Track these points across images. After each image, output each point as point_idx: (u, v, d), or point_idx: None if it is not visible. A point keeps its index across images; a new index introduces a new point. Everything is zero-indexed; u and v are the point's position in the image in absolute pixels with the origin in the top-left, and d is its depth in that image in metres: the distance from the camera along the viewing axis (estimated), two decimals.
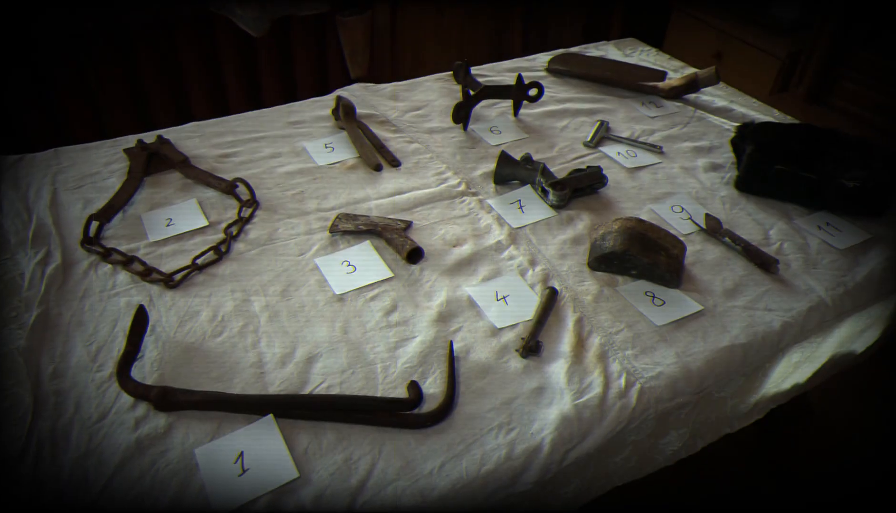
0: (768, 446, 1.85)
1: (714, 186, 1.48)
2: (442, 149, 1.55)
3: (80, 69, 2.23)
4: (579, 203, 1.40)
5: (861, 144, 1.47)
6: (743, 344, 1.10)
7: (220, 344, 1.04)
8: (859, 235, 1.35)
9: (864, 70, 2.36)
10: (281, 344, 1.04)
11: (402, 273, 1.19)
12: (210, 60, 2.44)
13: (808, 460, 1.89)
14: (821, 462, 1.92)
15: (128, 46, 2.27)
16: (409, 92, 1.79)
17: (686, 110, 1.78)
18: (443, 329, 1.08)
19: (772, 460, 1.83)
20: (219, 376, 0.99)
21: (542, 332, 1.09)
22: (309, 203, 1.35)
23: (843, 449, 1.98)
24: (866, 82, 2.37)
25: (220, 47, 2.41)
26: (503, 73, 1.91)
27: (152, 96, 2.41)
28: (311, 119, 1.64)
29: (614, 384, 1.01)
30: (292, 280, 1.16)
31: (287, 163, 1.47)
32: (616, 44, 2.14)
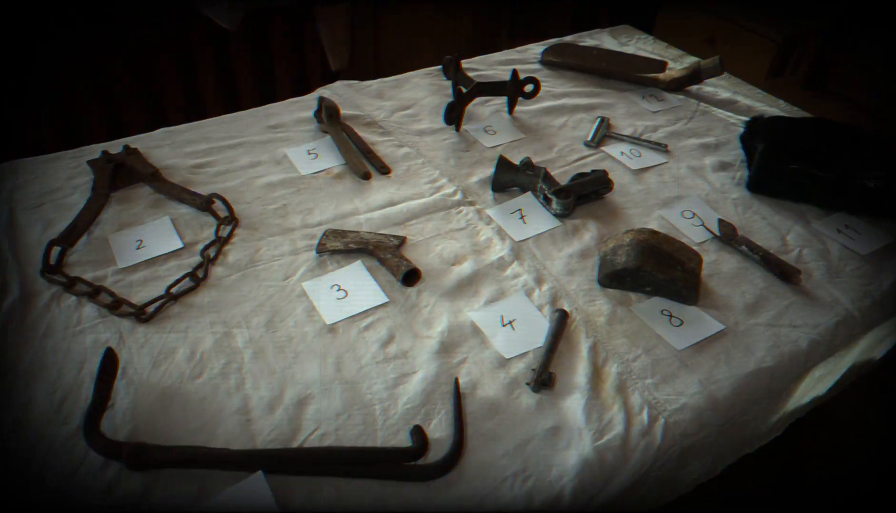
0: (778, 447, 1.79)
1: (725, 188, 1.39)
2: (434, 153, 1.45)
3: (48, 69, 2.08)
4: (584, 211, 1.30)
5: (879, 139, 1.39)
6: (770, 367, 1.02)
7: (201, 387, 0.93)
8: (882, 238, 1.27)
9: (862, 54, 2.29)
10: (268, 385, 0.94)
11: (398, 297, 1.09)
12: (183, 57, 2.29)
13: (816, 460, 1.84)
14: (828, 461, 1.87)
15: (97, 45, 2.11)
16: (396, 89, 1.67)
17: (689, 103, 1.69)
18: (446, 361, 0.99)
19: (779, 459, 1.77)
20: (200, 426, 0.88)
21: (554, 361, 1.00)
22: (293, 218, 1.24)
23: (850, 447, 1.93)
24: (864, 67, 2.30)
25: (194, 43, 2.27)
26: (494, 66, 1.80)
27: (123, 99, 2.26)
28: (291, 122, 1.52)
29: (636, 420, 0.92)
30: (278, 309, 1.06)
31: (268, 173, 1.36)
32: (611, 32, 2.04)
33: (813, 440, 1.83)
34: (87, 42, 2.09)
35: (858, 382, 1.34)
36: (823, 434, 1.85)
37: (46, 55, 2.04)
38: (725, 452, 1.09)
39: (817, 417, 1.43)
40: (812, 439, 1.84)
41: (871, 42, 2.27)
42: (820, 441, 1.82)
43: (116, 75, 2.20)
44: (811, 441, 1.82)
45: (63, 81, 2.12)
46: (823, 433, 1.84)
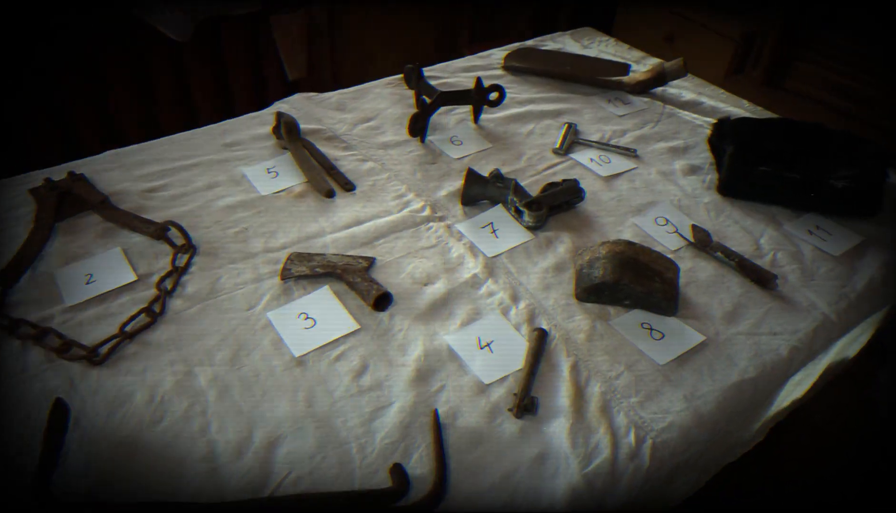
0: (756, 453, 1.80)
1: (696, 192, 1.38)
2: (399, 166, 1.40)
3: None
4: (557, 221, 1.27)
5: (845, 137, 1.39)
6: (753, 378, 1.00)
7: (162, 434, 0.87)
8: (852, 238, 1.27)
9: (821, 51, 2.32)
10: (235, 427, 0.88)
11: (369, 323, 1.04)
12: (136, 73, 2.19)
13: (795, 456, 1.85)
14: (806, 457, 1.88)
15: (45, 62, 2.00)
16: (357, 100, 1.62)
17: (655, 106, 1.68)
18: (423, 390, 0.94)
19: (762, 457, 1.78)
20: (162, 478, 0.82)
21: (535, 383, 0.96)
22: (254, 243, 1.18)
23: (825, 440, 1.95)
24: (823, 63, 2.33)
25: (146, 58, 2.17)
26: (457, 73, 1.76)
27: (76, 119, 2.15)
28: (249, 139, 1.45)
29: (623, 443, 0.89)
30: (242, 342, 1.00)
31: (226, 194, 1.29)
32: (573, 35, 2.02)
33: (791, 444, 1.84)
34: (34, 59, 1.98)
35: (833, 380, 1.35)
36: (802, 438, 1.86)
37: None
38: (710, 464, 1.07)
39: (794, 419, 1.43)
40: (790, 442, 1.84)
41: (826, 39, 2.29)
42: (798, 445, 1.83)
43: (67, 94, 2.09)
44: (788, 446, 1.83)
45: (7, 102, 2.01)
46: (803, 437, 1.86)
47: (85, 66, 2.08)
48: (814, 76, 2.36)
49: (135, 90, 2.22)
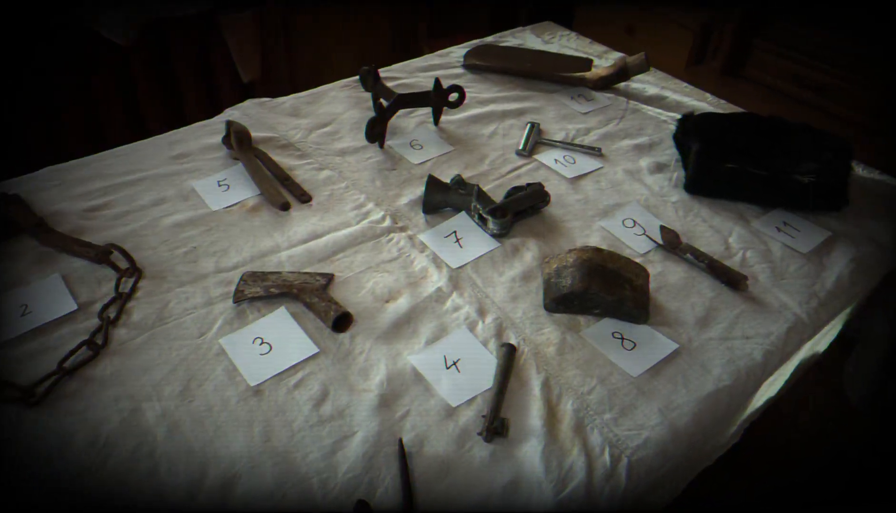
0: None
1: (663, 191, 1.35)
2: (358, 174, 1.34)
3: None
4: (523, 227, 1.23)
5: (805, 130, 1.38)
6: (728, 386, 0.98)
7: (106, 479, 0.81)
8: (819, 233, 1.26)
9: (777, 39, 2.32)
10: (187, 468, 0.82)
11: (329, 346, 0.99)
12: (80, 82, 2.08)
13: (770, 447, 1.85)
14: (781, 447, 1.89)
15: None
16: (312, 105, 1.55)
17: (619, 102, 1.64)
18: (388, 417, 0.89)
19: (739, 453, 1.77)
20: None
21: (505, 403, 0.92)
22: (205, 263, 1.11)
23: (794, 427, 1.96)
24: (780, 52, 2.33)
25: (90, 64, 2.06)
26: (415, 73, 1.71)
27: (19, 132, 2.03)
28: (198, 150, 1.38)
29: (598, 463, 0.86)
30: (194, 373, 0.93)
31: (174, 211, 1.22)
32: (534, 29, 1.98)
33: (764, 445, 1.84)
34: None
35: (803, 376, 1.34)
36: (777, 435, 1.86)
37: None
38: (688, 473, 1.04)
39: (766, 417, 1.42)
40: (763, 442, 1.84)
41: (783, 28, 2.30)
42: (772, 445, 1.83)
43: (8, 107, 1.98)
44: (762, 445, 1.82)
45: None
46: (778, 436, 1.86)
47: (28, 80, 1.97)
48: (771, 65, 2.36)
49: (79, 103, 2.11)
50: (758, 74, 2.43)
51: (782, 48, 2.31)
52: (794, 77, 2.31)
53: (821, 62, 2.24)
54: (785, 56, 2.31)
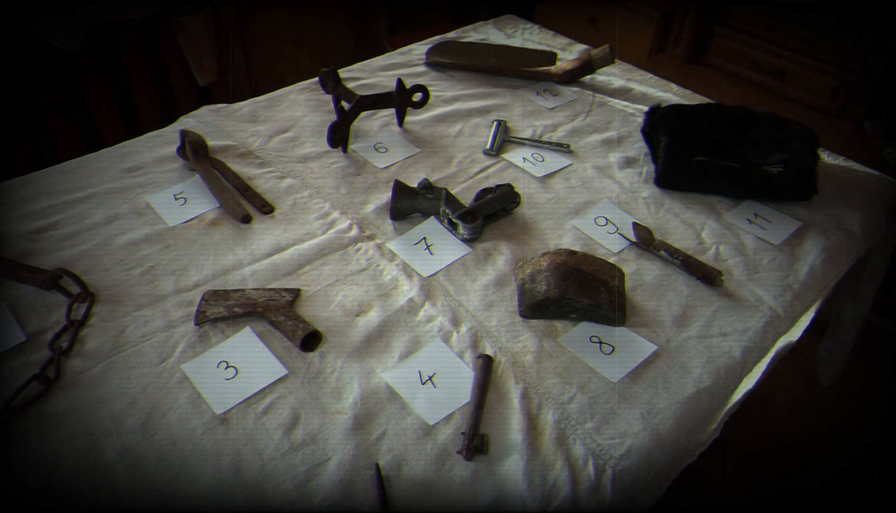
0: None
1: (634, 186, 1.33)
2: (322, 181, 1.29)
3: None
4: (494, 230, 1.20)
5: (772, 120, 1.37)
6: (709, 387, 0.96)
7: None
8: (790, 223, 1.25)
9: (737, 27, 2.32)
10: (151, 507, 0.77)
11: (298, 366, 0.94)
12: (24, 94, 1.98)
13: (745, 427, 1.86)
14: (756, 428, 1.91)
15: None
16: (271, 110, 1.50)
17: (585, 96, 1.62)
18: (363, 439, 0.86)
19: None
20: None
21: (485, 418, 0.89)
22: (164, 283, 1.06)
23: (769, 408, 1.98)
24: (740, 39, 2.34)
25: (35, 72, 1.96)
26: (377, 72, 1.66)
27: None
28: (152, 162, 1.32)
29: (583, 476, 0.83)
30: (155, 404, 0.88)
31: (128, 228, 1.16)
32: (496, 24, 1.95)
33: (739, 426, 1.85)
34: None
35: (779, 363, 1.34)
36: (751, 417, 1.87)
37: None
38: (671, 473, 1.02)
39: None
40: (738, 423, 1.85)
41: (741, 15, 2.30)
42: (748, 426, 1.85)
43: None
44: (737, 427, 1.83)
45: None
46: (752, 417, 1.87)
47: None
48: (732, 51, 2.37)
49: (26, 117, 2.01)
50: (719, 61, 2.43)
51: (742, 35, 2.32)
52: (754, 62, 2.32)
53: (779, 47, 2.25)
54: (744, 42, 2.32)
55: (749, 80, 2.37)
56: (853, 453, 1.89)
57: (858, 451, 1.90)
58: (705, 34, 2.42)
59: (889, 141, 2.03)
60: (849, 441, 1.92)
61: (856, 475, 1.84)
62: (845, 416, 1.99)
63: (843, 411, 2.00)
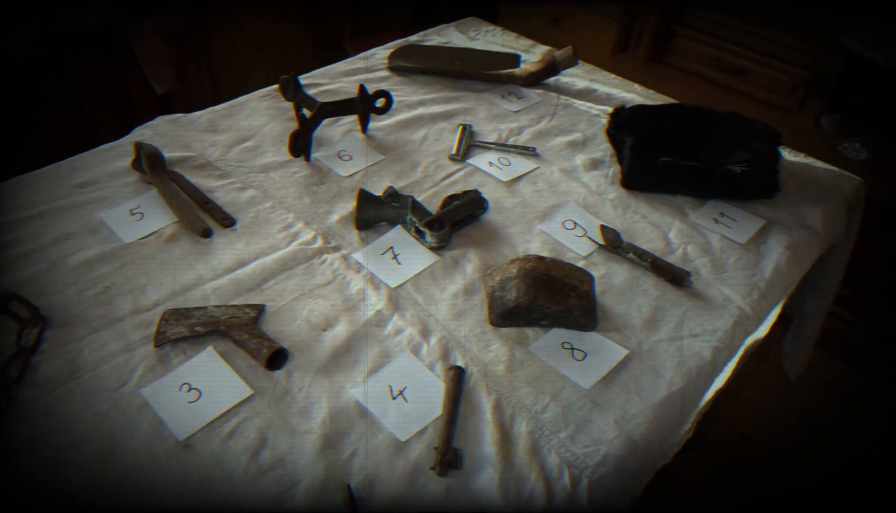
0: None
1: (600, 188, 1.33)
2: (284, 192, 1.26)
3: None
4: (462, 237, 1.18)
5: (734, 119, 1.39)
6: (680, 389, 0.96)
7: None
8: (754, 222, 1.27)
9: (698, 26, 2.35)
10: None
11: (263, 385, 0.92)
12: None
13: (716, 423, 1.88)
14: (726, 422, 1.93)
15: None
16: (230, 119, 1.46)
17: (549, 97, 1.62)
18: (333, 459, 0.83)
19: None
20: None
21: (457, 431, 0.87)
22: (120, 303, 1.02)
23: (738, 402, 2.01)
24: (701, 38, 2.37)
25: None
26: (338, 78, 1.63)
27: None
28: (105, 176, 1.27)
29: (558, 487, 0.82)
30: (114, 431, 0.85)
31: (80, 247, 1.11)
32: (458, 26, 1.93)
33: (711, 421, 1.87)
34: None
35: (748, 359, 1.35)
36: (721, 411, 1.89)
37: None
38: (646, 475, 1.02)
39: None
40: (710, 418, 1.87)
41: (700, 15, 2.33)
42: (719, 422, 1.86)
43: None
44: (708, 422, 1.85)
45: None
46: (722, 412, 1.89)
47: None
48: (692, 51, 2.40)
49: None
50: (680, 60, 2.46)
51: (702, 34, 2.34)
52: (715, 61, 2.35)
53: (738, 46, 2.28)
54: (705, 42, 2.35)
55: (710, 78, 2.40)
56: (823, 443, 1.93)
57: (828, 441, 1.93)
58: (667, 34, 2.45)
59: (845, 137, 2.07)
60: (818, 432, 1.95)
61: (827, 465, 1.87)
62: (813, 407, 2.02)
63: (811, 402, 2.04)
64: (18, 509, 0.76)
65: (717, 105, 1.44)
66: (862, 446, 1.93)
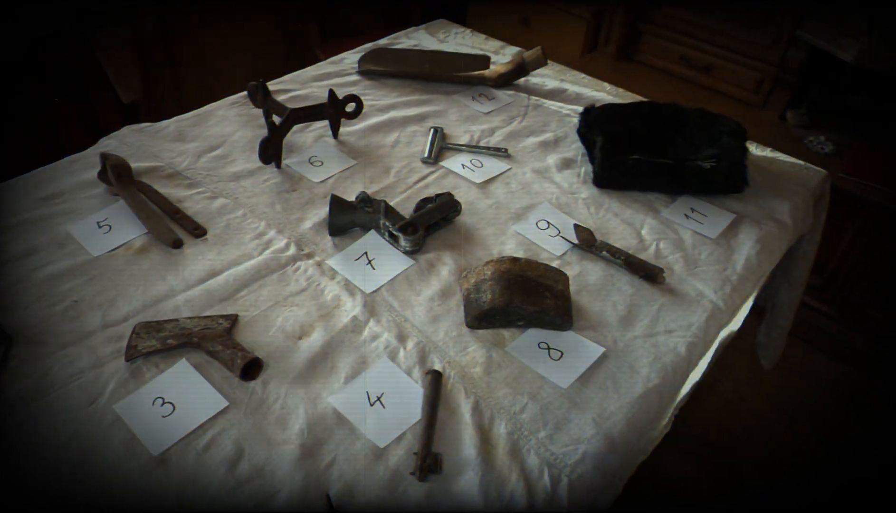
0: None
1: (573, 188, 1.34)
2: (255, 199, 1.25)
3: None
4: (436, 240, 1.18)
5: (702, 116, 1.40)
6: (657, 385, 0.97)
7: None
8: (725, 217, 1.28)
9: (665, 24, 2.38)
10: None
11: (239, 396, 0.90)
12: None
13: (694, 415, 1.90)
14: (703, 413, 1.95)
15: None
16: (199, 127, 1.44)
17: (520, 99, 1.62)
18: (312, 469, 0.82)
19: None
20: None
21: (437, 437, 0.87)
22: (90, 318, 1.00)
23: (715, 394, 2.03)
24: (668, 36, 2.40)
25: None
26: (308, 83, 1.62)
27: None
28: (71, 188, 1.24)
29: (539, 487, 0.82)
30: (86, 448, 0.83)
31: (47, 261, 1.09)
32: (428, 29, 1.93)
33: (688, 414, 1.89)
34: None
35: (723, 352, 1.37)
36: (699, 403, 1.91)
37: None
38: (626, 471, 1.03)
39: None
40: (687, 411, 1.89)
41: (667, 12, 2.36)
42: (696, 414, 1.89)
43: None
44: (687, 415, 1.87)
45: None
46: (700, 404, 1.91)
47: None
48: (660, 48, 2.43)
49: None
50: (649, 58, 2.49)
51: (669, 32, 2.38)
52: (682, 58, 2.38)
53: (705, 43, 2.32)
54: (672, 39, 2.39)
55: (678, 75, 2.43)
56: (800, 430, 1.96)
57: (804, 428, 1.97)
58: (635, 32, 2.48)
59: (810, 130, 2.12)
60: (795, 420, 1.99)
61: (805, 452, 1.91)
62: (789, 396, 2.06)
63: (786, 390, 2.07)
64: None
65: (686, 101, 1.46)
66: (835, 427, 1.97)
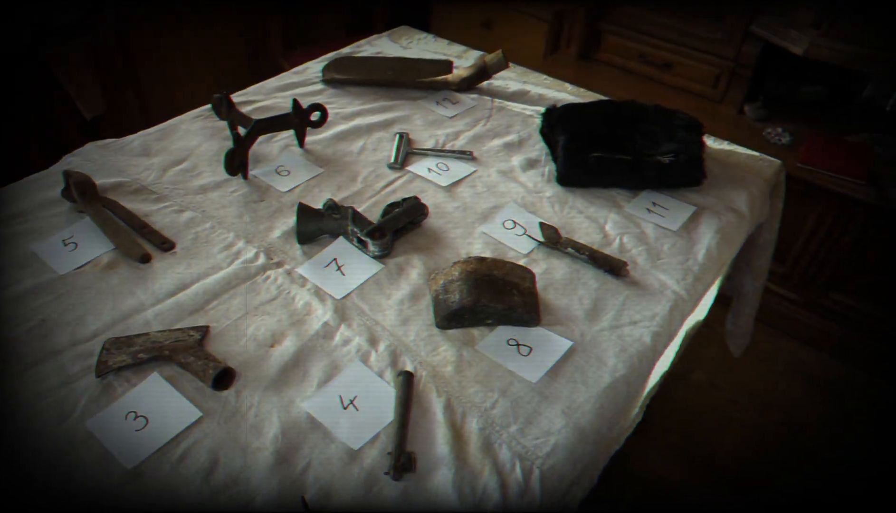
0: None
1: (538, 187, 1.36)
2: (223, 211, 1.25)
3: None
4: (405, 244, 1.20)
5: (660, 112, 1.44)
6: (624, 375, 0.99)
7: None
8: (685, 209, 1.32)
9: (624, 23, 2.43)
10: None
11: (213, 407, 0.91)
12: None
13: (670, 406, 1.94)
14: (678, 403, 1.99)
15: None
16: (164, 141, 1.44)
17: (484, 101, 1.65)
18: (287, 473, 0.83)
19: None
20: None
21: (410, 435, 0.88)
22: (58, 336, 0.99)
23: (688, 385, 2.08)
24: (627, 35, 2.45)
25: None
26: (273, 94, 1.63)
27: None
28: (34, 207, 1.23)
29: (511, 480, 0.84)
30: (58, 467, 0.83)
31: (12, 281, 1.08)
32: (391, 35, 1.95)
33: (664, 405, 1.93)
34: None
35: (691, 342, 1.40)
36: (674, 394, 1.95)
37: None
38: (600, 461, 1.05)
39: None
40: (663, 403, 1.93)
41: (626, 12, 2.41)
42: (672, 405, 1.93)
43: None
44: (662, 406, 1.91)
45: None
46: (675, 395, 1.95)
47: None
48: (620, 47, 2.48)
49: None
50: (610, 57, 2.54)
51: (628, 30, 2.42)
52: (641, 56, 2.43)
53: (662, 41, 2.37)
54: (631, 38, 2.43)
55: (639, 73, 2.48)
56: (771, 415, 2.01)
57: (776, 412, 2.02)
58: (595, 32, 2.52)
59: (768, 122, 2.17)
60: (766, 404, 2.04)
61: (777, 435, 1.96)
62: (759, 381, 2.11)
63: (756, 376, 2.12)
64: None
65: (648, 98, 1.50)
66: (807, 412, 2.02)
